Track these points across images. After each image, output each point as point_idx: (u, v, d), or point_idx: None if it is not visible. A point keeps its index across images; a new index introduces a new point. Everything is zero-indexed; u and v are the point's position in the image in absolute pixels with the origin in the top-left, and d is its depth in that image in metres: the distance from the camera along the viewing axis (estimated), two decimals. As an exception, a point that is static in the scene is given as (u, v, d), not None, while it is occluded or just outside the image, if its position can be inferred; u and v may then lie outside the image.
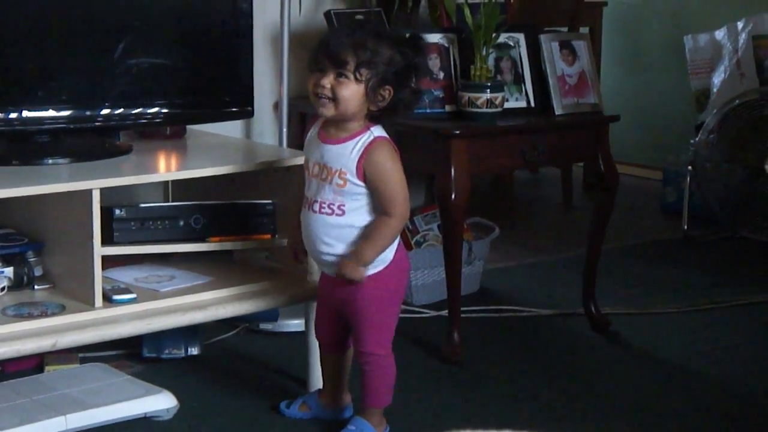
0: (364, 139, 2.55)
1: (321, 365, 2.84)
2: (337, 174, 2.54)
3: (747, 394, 3.05)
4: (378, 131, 2.56)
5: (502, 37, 3.31)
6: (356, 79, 2.50)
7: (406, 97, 2.56)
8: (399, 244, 2.65)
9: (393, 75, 2.52)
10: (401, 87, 2.54)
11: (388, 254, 2.61)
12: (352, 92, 2.50)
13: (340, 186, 2.54)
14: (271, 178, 2.95)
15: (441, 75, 3.26)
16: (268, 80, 3.79)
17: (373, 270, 2.60)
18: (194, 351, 3.17)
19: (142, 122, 2.98)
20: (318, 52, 2.53)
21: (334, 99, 2.50)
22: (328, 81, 2.50)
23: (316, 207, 2.57)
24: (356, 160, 2.53)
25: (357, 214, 2.56)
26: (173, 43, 2.96)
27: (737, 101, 4.47)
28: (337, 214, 2.55)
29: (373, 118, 2.56)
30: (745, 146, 4.45)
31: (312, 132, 2.63)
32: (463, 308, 3.32)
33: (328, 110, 2.52)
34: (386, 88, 2.53)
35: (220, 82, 3.04)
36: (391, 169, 2.55)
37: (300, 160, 2.81)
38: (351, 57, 2.49)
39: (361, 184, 2.54)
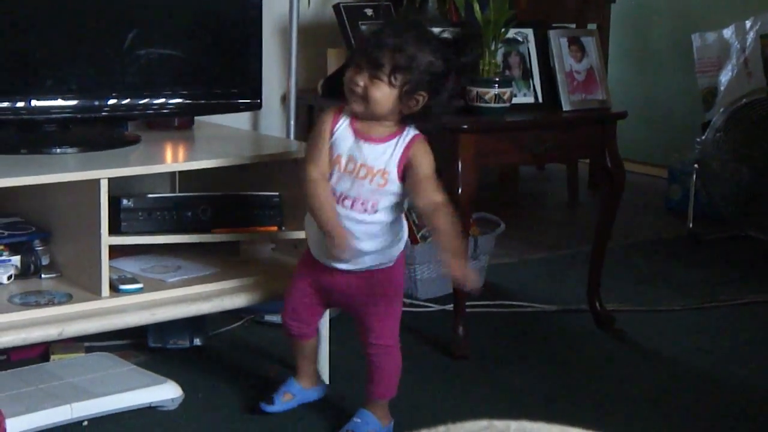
0: (403, 136, 2.52)
1: (295, 352, 2.80)
2: (379, 174, 2.51)
3: (750, 393, 3.05)
4: (414, 130, 2.55)
5: (511, 33, 3.31)
6: (390, 83, 2.46)
7: (441, 103, 2.54)
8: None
9: (429, 81, 2.49)
10: (437, 93, 2.51)
11: (397, 250, 2.62)
12: (384, 95, 2.47)
13: (381, 185, 2.51)
14: (279, 171, 2.95)
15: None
16: (277, 73, 3.80)
17: (388, 264, 2.61)
18: (199, 342, 3.17)
19: (150, 113, 2.98)
20: (358, 47, 2.51)
21: (366, 99, 2.48)
22: (362, 80, 2.47)
23: (348, 203, 2.52)
24: (398, 158, 2.51)
25: (386, 211, 2.54)
26: (182, 34, 2.97)
27: (744, 100, 4.48)
28: (369, 212, 2.53)
29: (403, 120, 2.54)
30: (751, 145, 4.45)
31: (342, 125, 2.55)
32: (467, 303, 3.32)
33: (359, 107, 2.50)
34: (421, 93, 2.49)
35: (229, 74, 3.04)
36: (432, 161, 2.54)
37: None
38: (387, 60, 2.45)
39: (399, 183, 2.52)
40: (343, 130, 2.54)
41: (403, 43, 2.46)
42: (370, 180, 2.51)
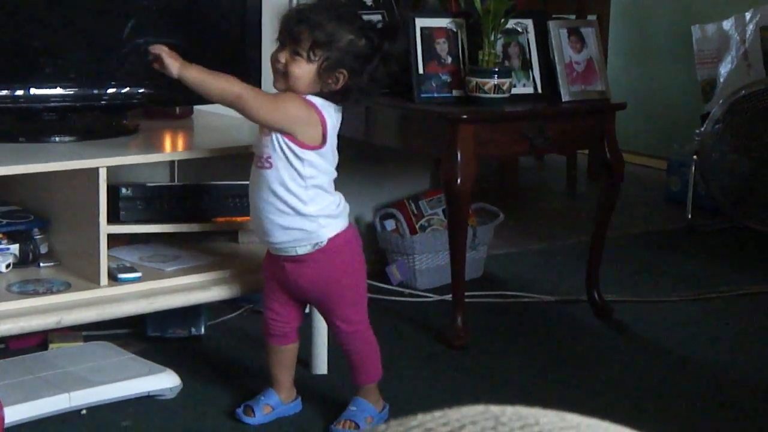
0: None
1: (274, 361, 2.74)
2: None
3: (747, 383, 3.05)
4: (311, 97, 2.52)
5: (511, 23, 3.31)
6: (309, 58, 2.48)
7: (362, 84, 2.53)
8: (349, 223, 2.64)
9: (350, 60, 2.50)
10: (358, 73, 2.51)
11: (327, 232, 2.57)
12: (302, 71, 2.49)
13: (265, 134, 2.52)
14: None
15: (449, 60, 3.27)
16: (276, 62, 3.79)
17: (320, 244, 2.57)
18: (198, 331, 3.17)
19: (149, 101, 2.98)
20: (280, 25, 2.53)
21: (286, 75, 2.50)
22: (283, 56, 2.50)
23: (260, 163, 2.54)
24: None
25: (283, 170, 2.51)
26: (181, 22, 2.96)
27: (744, 92, 4.47)
28: (267, 168, 2.52)
29: (323, 98, 2.53)
30: (750, 137, 4.45)
31: None
32: (466, 293, 3.32)
33: (280, 84, 2.52)
34: (341, 71, 2.50)
35: (229, 62, 3.03)
36: (286, 96, 2.52)
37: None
38: (306, 36, 2.47)
39: (284, 139, 2.50)
40: None
41: (323, 20, 2.48)
42: (266, 132, 2.52)
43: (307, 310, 2.83)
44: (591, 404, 2.87)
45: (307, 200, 2.53)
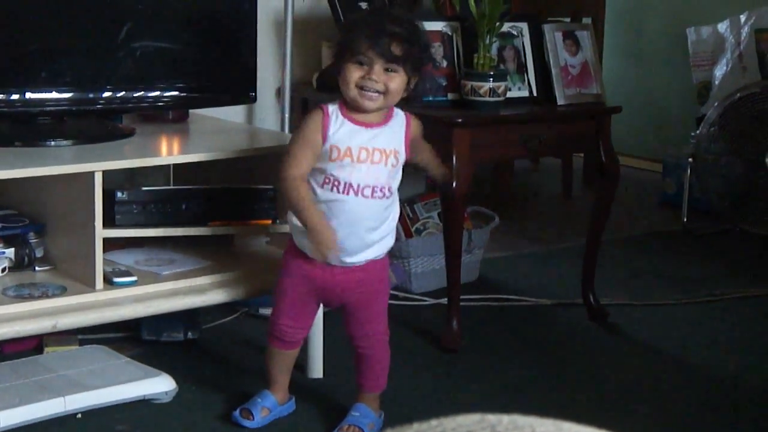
0: (398, 116, 2.58)
1: (275, 364, 2.72)
2: (393, 154, 2.53)
3: (744, 387, 3.05)
4: (400, 109, 2.61)
5: (506, 27, 3.32)
6: (405, 71, 2.50)
7: (427, 81, 2.65)
8: None
9: (421, 61, 2.55)
10: (423, 72, 2.58)
11: (393, 239, 2.66)
12: (399, 85, 2.50)
13: (395, 166, 2.55)
14: (273, 164, 2.94)
15: (444, 63, 3.27)
16: (271, 66, 3.79)
17: (383, 253, 2.63)
18: (193, 335, 3.17)
19: (144, 105, 2.98)
20: (356, 42, 2.47)
21: (385, 92, 2.48)
22: (377, 75, 2.47)
23: (368, 192, 2.52)
24: (403, 137, 2.56)
25: (395, 193, 2.59)
26: (177, 27, 2.96)
27: (739, 94, 4.48)
28: (387, 197, 2.55)
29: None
30: (746, 139, 4.45)
31: (338, 121, 2.51)
32: (461, 297, 3.32)
33: (376, 103, 2.49)
34: (416, 75, 2.54)
35: (224, 67, 3.04)
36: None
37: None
38: (402, 50, 2.47)
39: (403, 159, 2.58)
40: (341, 124, 2.52)
41: (406, 31, 2.50)
42: (385, 163, 2.53)
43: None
44: (586, 408, 2.87)
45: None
